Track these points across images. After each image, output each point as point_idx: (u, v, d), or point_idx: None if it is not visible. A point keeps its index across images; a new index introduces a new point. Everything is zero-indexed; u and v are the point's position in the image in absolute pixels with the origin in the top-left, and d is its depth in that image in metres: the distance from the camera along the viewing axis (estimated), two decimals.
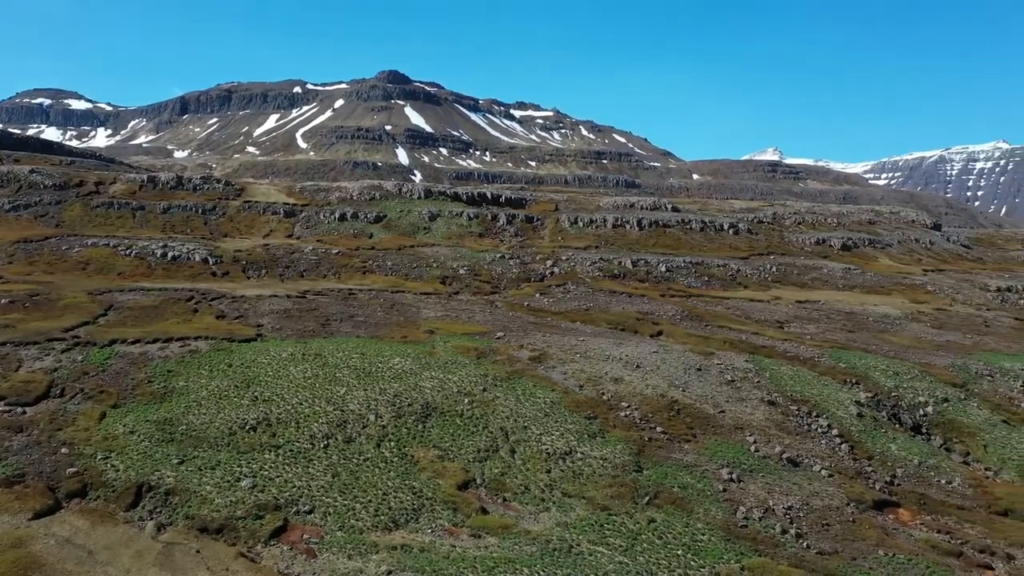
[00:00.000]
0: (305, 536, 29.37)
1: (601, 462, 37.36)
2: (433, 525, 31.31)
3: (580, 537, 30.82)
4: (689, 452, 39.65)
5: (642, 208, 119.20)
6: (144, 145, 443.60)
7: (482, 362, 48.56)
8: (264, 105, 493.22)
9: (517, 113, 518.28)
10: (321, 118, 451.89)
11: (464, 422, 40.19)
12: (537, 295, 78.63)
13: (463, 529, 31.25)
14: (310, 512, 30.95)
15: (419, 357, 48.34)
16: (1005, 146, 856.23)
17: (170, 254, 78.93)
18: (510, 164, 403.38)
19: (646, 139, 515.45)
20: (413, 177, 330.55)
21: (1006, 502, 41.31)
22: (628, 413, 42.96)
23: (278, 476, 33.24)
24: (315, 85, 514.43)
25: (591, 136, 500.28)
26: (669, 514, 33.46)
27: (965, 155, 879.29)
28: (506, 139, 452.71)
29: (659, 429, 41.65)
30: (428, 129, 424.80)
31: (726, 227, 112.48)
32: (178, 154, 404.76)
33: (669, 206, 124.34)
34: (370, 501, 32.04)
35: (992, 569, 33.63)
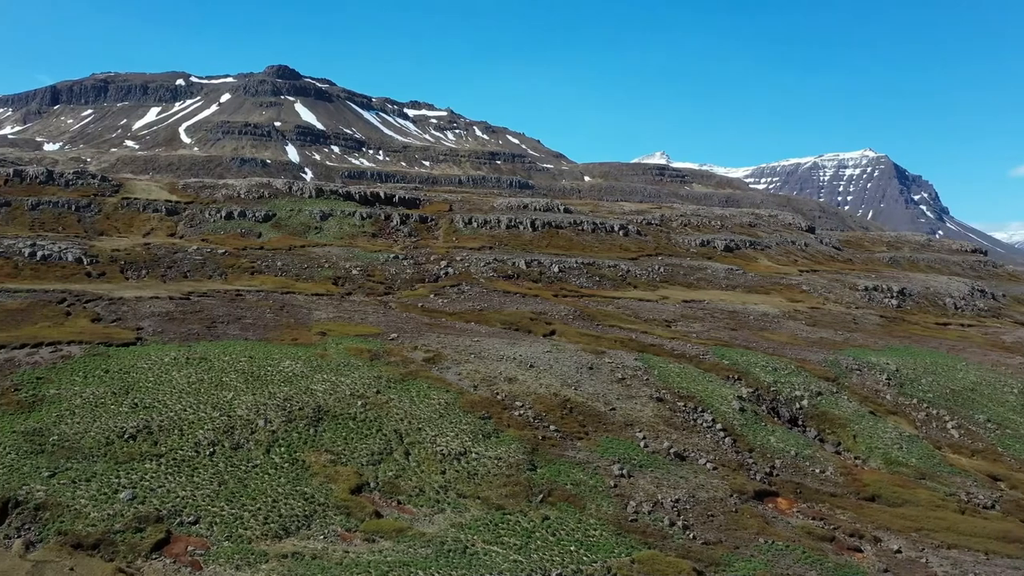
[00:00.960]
0: (190, 548, 28.22)
1: (496, 462, 37.59)
2: (325, 531, 30.70)
3: (475, 537, 30.92)
4: (581, 449, 40.43)
5: (535, 209, 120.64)
6: (10, 137, 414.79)
7: (375, 364, 48.00)
8: (144, 97, 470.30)
9: (411, 112, 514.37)
10: (206, 112, 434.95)
11: (357, 425, 39.61)
12: (431, 296, 78.36)
13: (356, 534, 30.80)
14: (195, 523, 29.77)
15: (310, 360, 47.30)
16: (872, 154, 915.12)
17: (40, 253, 74.18)
18: (404, 164, 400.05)
19: (539, 141, 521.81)
20: (304, 175, 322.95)
21: (873, 488, 44.13)
22: (522, 412, 43.42)
23: (160, 486, 31.80)
24: (200, 78, 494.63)
25: (485, 137, 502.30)
26: (562, 511, 34.02)
27: (836, 162, 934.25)
28: (400, 138, 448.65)
29: (552, 427, 42.28)
30: (319, 126, 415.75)
31: (616, 229, 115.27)
32: (48, 147, 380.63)
33: (562, 207, 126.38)
34: (259, 509, 31.11)
35: (861, 552, 35.83)
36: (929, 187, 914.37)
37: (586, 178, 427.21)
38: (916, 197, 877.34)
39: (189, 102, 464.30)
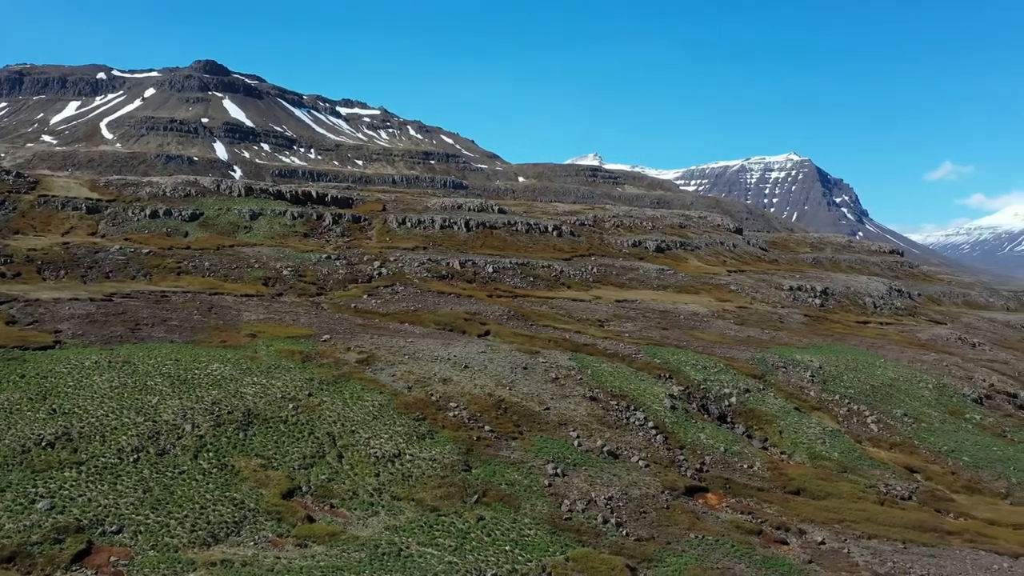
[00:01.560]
0: (112, 558, 27.26)
1: (430, 463, 37.42)
2: (256, 537, 30.06)
3: (410, 539, 30.72)
4: (516, 449, 40.58)
5: (470, 209, 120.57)
6: None
7: (307, 366, 47.23)
8: (63, 90, 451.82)
9: (343, 111, 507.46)
10: (129, 107, 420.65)
11: (289, 428, 38.90)
12: (365, 296, 77.53)
13: (288, 539, 30.25)
14: (118, 532, 28.77)
15: (239, 362, 46.24)
16: (796, 158, 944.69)
17: None
18: (336, 162, 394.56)
19: (473, 141, 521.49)
20: (233, 173, 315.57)
21: (798, 482, 45.53)
22: (457, 413, 43.34)
23: (81, 495, 30.63)
24: (122, 72, 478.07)
25: (419, 136, 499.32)
26: (497, 511, 34.08)
27: (762, 165, 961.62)
28: (332, 137, 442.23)
29: (487, 428, 42.32)
30: (249, 124, 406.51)
31: (550, 229, 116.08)
32: None
33: (496, 208, 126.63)
34: (186, 516, 30.26)
35: (787, 544, 36.93)
36: (850, 190, 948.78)
37: (520, 179, 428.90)
38: (838, 200, 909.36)
39: (111, 96, 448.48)
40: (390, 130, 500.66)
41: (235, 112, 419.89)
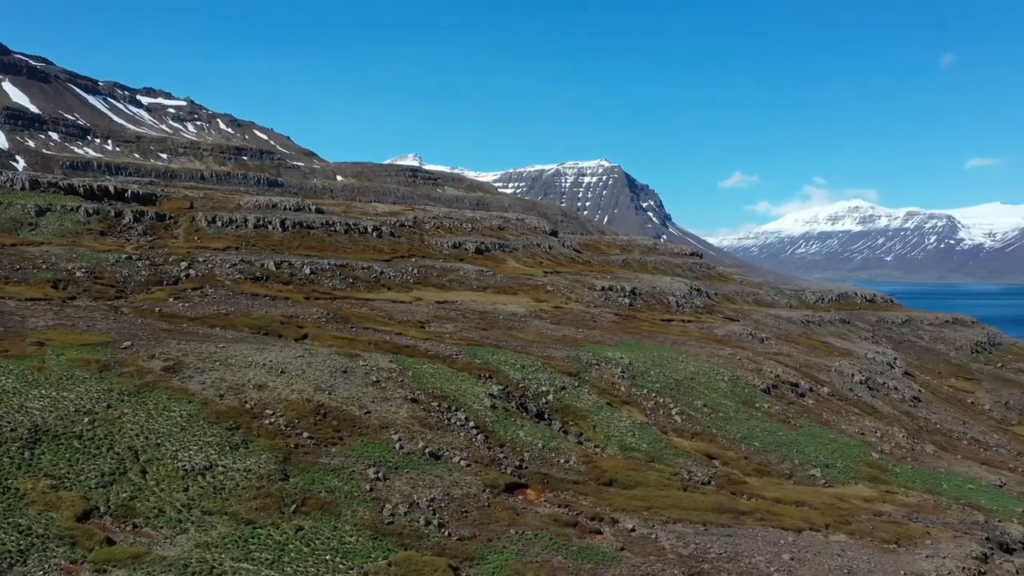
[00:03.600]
0: None
1: (245, 474, 35.82)
2: (46, 565, 27.45)
3: (223, 556, 29.25)
4: (336, 455, 39.74)
5: (285, 209, 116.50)
6: None
7: (105, 375, 43.63)
8: None
9: (145, 100, 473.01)
10: None
11: (84, 444, 35.80)
12: (171, 299, 72.80)
13: (84, 565, 27.86)
14: None
15: (24, 374, 41.93)
16: (607, 164, 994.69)
17: None
18: (138, 155, 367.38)
19: (289, 137, 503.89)
20: (15, 164, 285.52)
21: (611, 474, 47.89)
22: (273, 420, 41.77)
23: None
24: None
25: (230, 131, 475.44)
26: (317, 520, 33.23)
27: (576, 170, 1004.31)
28: (133, 128, 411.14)
29: (306, 434, 41.12)
30: (34, 110, 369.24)
31: (370, 230, 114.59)
32: None
33: (313, 207, 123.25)
34: None
35: (601, 533, 38.75)
36: (655, 195, 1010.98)
37: (339, 177, 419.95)
38: (644, 204, 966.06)
39: None
40: (198, 123, 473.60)
41: (17, 96, 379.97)
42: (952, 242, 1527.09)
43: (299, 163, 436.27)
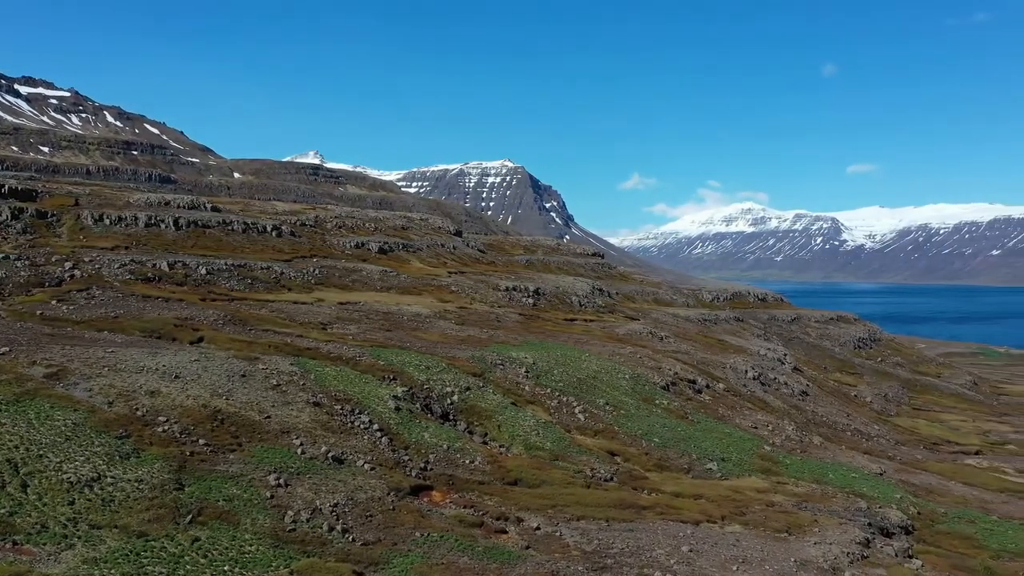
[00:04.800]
0: None
1: (136, 484, 34.25)
2: None
3: (113, 571, 27.90)
4: (235, 462, 38.52)
5: (179, 207, 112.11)
6: None
7: None
8: None
9: (24, 90, 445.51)
10: None
11: None
12: (54, 302, 68.88)
13: None
14: None
15: None
16: (510, 164, 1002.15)
17: None
18: (16, 148, 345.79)
19: (183, 132, 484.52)
20: None
21: (515, 473, 48.23)
22: (167, 428, 40.12)
23: None
24: None
25: (119, 124, 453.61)
26: (215, 530, 32.13)
27: (480, 170, 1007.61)
28: (10, 119, 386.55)
29: (202, 442, 39.68)
30: None
31: (269, 229, 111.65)
32: None
33: (209, 206, 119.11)
34: None
35: (506, 533, 38.99)
36: (558, 196, 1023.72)
37: (236, 175, 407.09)
38: (547, 205, 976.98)
39: None
40: (83, 115, 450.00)
41: None
42: (836, 243, 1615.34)
43: (194, 159, 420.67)
